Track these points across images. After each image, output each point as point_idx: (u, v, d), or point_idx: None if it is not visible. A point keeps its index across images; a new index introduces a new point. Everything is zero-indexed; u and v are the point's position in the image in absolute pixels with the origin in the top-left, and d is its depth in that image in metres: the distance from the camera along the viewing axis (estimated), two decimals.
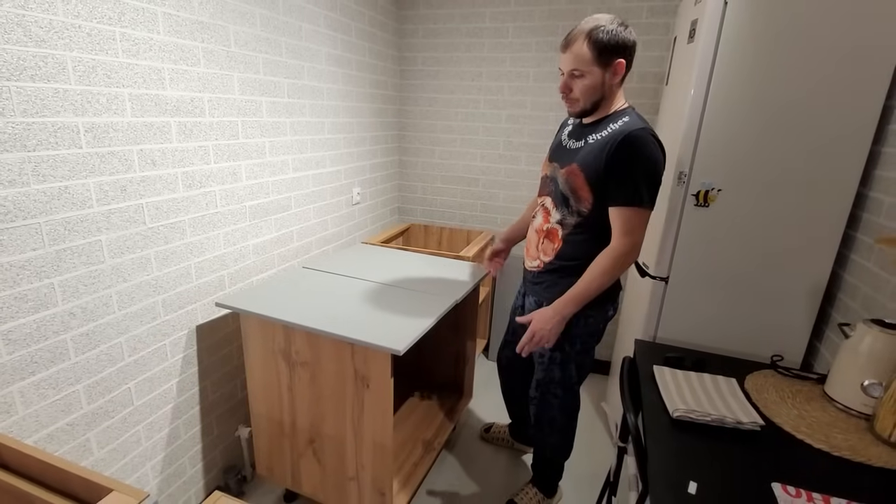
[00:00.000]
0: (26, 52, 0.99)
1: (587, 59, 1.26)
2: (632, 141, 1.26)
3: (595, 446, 2.07)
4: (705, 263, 1.71)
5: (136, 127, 1.23)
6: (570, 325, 1.47)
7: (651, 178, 1.29)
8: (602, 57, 1.25)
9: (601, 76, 1.28)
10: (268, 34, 1.62)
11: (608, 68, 1.28)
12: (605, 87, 1.31)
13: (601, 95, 1.32)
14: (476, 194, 2.64)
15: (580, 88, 1.30)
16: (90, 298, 1.19)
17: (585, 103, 1.33)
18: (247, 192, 1.63)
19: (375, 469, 1.43)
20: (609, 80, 1.30)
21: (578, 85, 1.30)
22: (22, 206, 1.02)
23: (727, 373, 1.33)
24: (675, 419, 1.13)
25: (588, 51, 1.25)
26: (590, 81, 1.28)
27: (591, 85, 1.29)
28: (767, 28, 1.46)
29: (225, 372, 1.66)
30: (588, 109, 1.36)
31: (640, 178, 1.27)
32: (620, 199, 1.30)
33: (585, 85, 1.29)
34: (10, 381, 1.04)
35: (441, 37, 2.48)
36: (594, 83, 1.29)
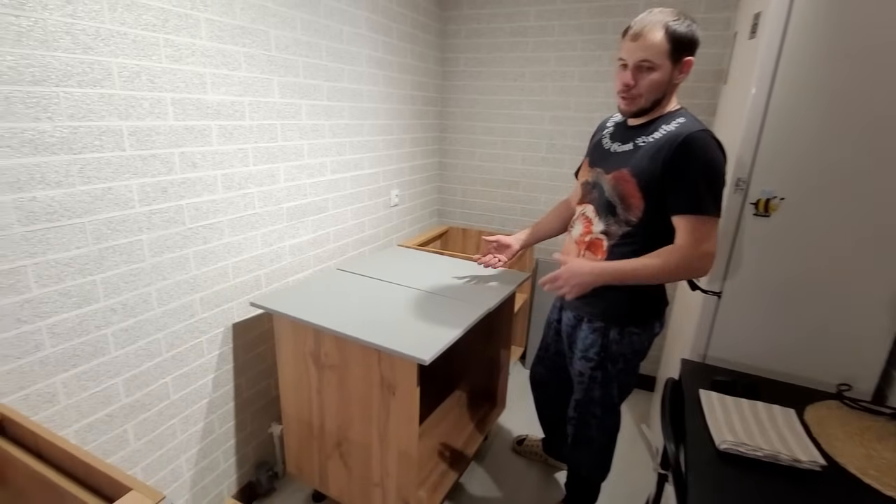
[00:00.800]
0: (74, 59, 1.03)
1: (661, 51, 1.16)
2: (692, 143, 1.16)
3: (634, 467, 1.96)
4: (764, 278, 1.56)
5: (178, 130, 1.27)
6: (612, 343, 1.38)
7: (715, 183, 1.19)
8: (676, 51, 1.17)
9: (670, 72, 1.19)
10: (308, 38, 1.64)
11: (677, 65, 1.20)
12: (669, 86, 1.22)
13: (663, 94, 1.23)
14: (516, 197, 2.57)
15: (647, 83, 1.20)
16: (130, 295, 1.23)
17: (647, 101, 1.23)
18: (285, 193, 1.66)
19: (400, 477, 1.41)
20: (675, 79, 1.22)
21: (646, 79, 1.20)
22: (67, 206, 1.07)
23: (784, 402, 1.20)
24: (721, 451, 1.03)
25: (665, 42, 1.16)
26: (659, 76, 1.19)
27: (659, 81, 1.20)
28: (842, 21, 1.31)
29: (259, 370, 1.69)
30: (646, 108, 1.25)
31: (703, 183, 1.17)
32: (684, 207, 1.19)
33: (653, 80, 1.19)
34: (53, 372, 1.10)
35: (484, 37, 2.43)
36: (662, 79, 1.20)
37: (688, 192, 1.18)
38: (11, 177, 0.97)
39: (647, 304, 1.37)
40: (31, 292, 1.03)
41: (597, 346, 1.40)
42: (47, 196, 1.03)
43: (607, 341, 1.38)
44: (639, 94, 1.23)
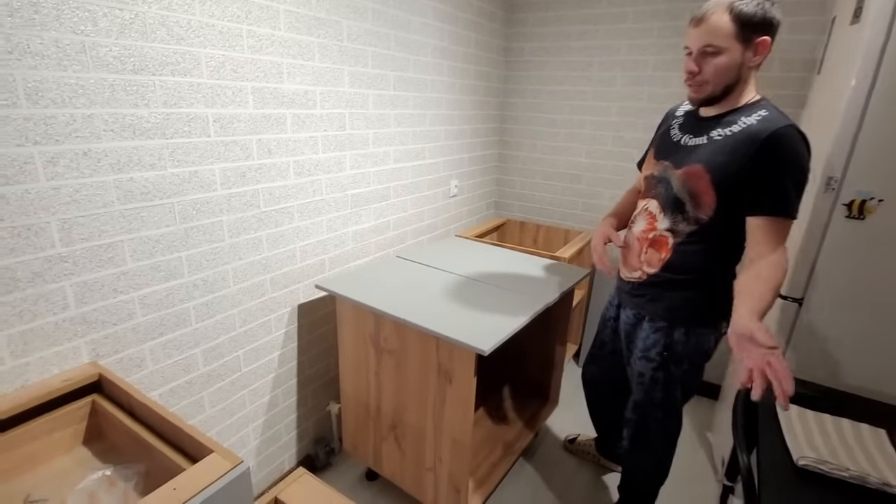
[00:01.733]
0: (168, 49, 1.10)
1: (726, 33, 1.09)
2: (780, 140, 1.08)
3: (694, 477, 1.87)
4: (854, 285, 1.44)
5: (256, 118, 1.33)
6: (677, 343, 1.32)
7: (802, 184, 1.11)
8: (744, 31, 1.08)
9: (740, 54, 1.11)
10: (378, 28, 1.66)
11: (750, 46, 1.10)
12: (742, 70, 1.13)
13: (736, 79, 1.14)
14: (578, 192, 2.50)
15: (713, 68, 1.13)
16: (211, 272, 1.32)
17: (716, 87, 1.15)
18: (350, 181, 1.70)
19: (453, 464, 1.43)
20: (748, 62, 1.12)
21: (711, 64, 1.13)
22: (160, 187, 1.15)
23: (874, 421, 1.10)
24: (799, 468, 0.97)
25: (728, 23, 1.08)
26: (726, 60, 1.11)
27: (727, 64, 1.11)
28: None
29: (321, 350, 1.76)
30: (717, 96, 1.17)
31: (790, 184, 1.09)
32: (767, 209, 1.12)
33: (719, 64, 1.12)
34: (143, 339, 1.20)
35: (552, 25, 2.36)
36: (731, 63, 1.11)
37: (775, 192, 1.10)
38: (113, 158, 1.05)
39: (713, 302, 1.28)
40: (127, 265, 1.13)
41: (659, 346, 1.34)
42: (142, 177, 1.11)
43: (671, 341, 1.32)
44: (704, 80, 1.15)
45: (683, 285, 1.29)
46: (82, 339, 1.08)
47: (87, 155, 1.01)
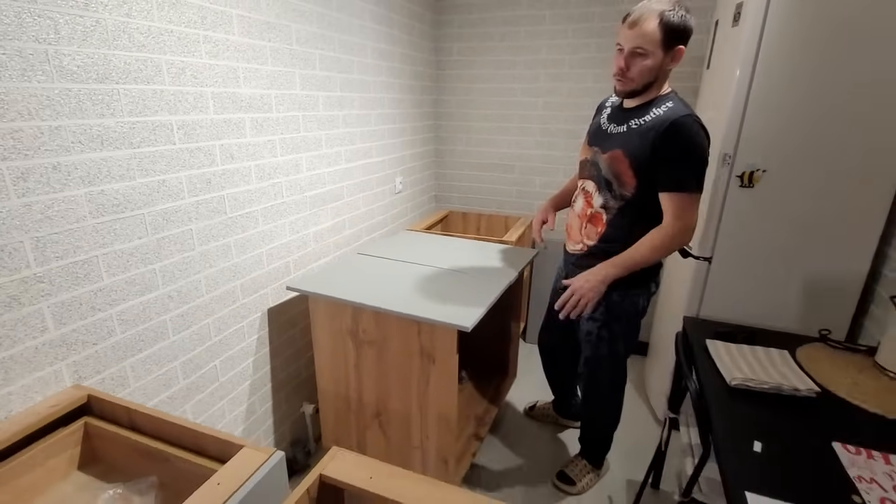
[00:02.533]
0: (130, 57, 1.08)
1: (654, 39, 1.25)
2: (678, 128, 1.28)
3: (637, 422, 2.15)
4: (749, 243, 1.75)
5: (218, 123, 1.33)
6: (615, 304, 1.53)
7: (698, 163, 1.32)
8: (668, 40, 1.26)
9: (661, 59, 1.29)
10: (323, 31, 1.70)
11: (669, 52, 1.29)
12: (661, 72, 1.33)
13: (655, 79, 1.34)
14: (512, 181, 2.70)
15: (639, 68, 1.30)
16: (184, 283, 1.29)
17: (638, 84, 1.33)
18: (307, 182, 1.73)
19: (440, 438, 1.53)
20: (666, 65, 1.32)
21: (638, 64, 1.29)
22: (130, 198, 1.12)
23: (778, 345, 1.38)
24: (732, 387, 1.20)
25: (658, 31, 1.24)
26: (651, 62, 1.28)
27: (651, 66, 1.29)
28: (816, 11, 1.49)
29: (291, 352, 1.77)
30: (638, 91, 1.36)
31: (687, 164, 1.31)
32: (670, 185, 1.33)
33: (645, 65, 1.29)
34: (123, 357, 1.16)
35: (477, 26, 2.52)
36: (654, 65, 1.29)
37: (672, 172, 1.32)
38: (83, 171, 1.02)
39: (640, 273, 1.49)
40: (103, 281, 1.09)
41: (602, 308, 1.54)
42: (113, 189, 1.08)
43: (610, 302, 1.52)
44: (631, 77, 1.33)
45: (617, 253, 1.50)
46: (63, 361, 1.03)
47: (57, 169, 0.97)
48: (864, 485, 0.91)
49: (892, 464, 0.96)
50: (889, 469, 0.95)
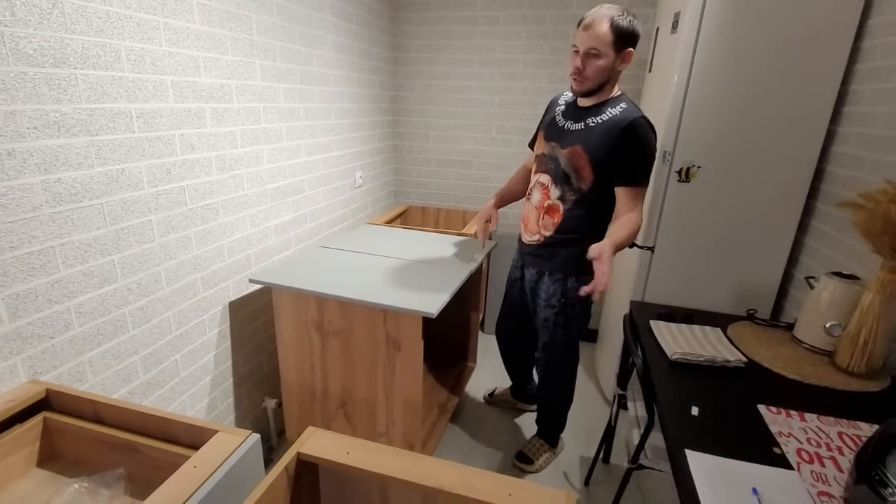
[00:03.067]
0: (89, 42, 1.05)
1: (606, 41, 1.36)
2: (636, 129, 1.41)
3: (588, 403, 2.28)
4: (687, 233, 1.92)
5: (178, 112, 1.31)
6: (569, 291, 1.63)
7: (650, 160, 1.45)
8: (619, 42, 1.37)
9: (613, 60, 1.39)
10: (283, 22, 1.69)
11: (620, 54, 1.40)
12: (613, 72, 1.43)
13: (607, 79, 1.44)
14: (470, 176, 2.78)
15: (593, 68, 1.40)
16: (144, 275, 1.26)
17: (593, 84, 1.44)
18: (268, 174, 1.72)
19: (406, 424, 1.58)
20: (617, 67, 1.42)
21: (593, 64, 1.40)
22: (88, 187, 1.09)
23: (711, 324, 1.53)
24: (673, 362, 1.32)
25: (609, 34, 1.35)
26: (604, 63, 1.39)
27: (604, 67, 1.40)
28: (742, 20, 1.65)
29: (253, 347, 1.75)
30: (593, 90, 1.46)
31: (642, 161, 1.44)
32: (628, 180, 1.46)
33: (598, 66, 1.40)
34: (81, 351, 1.12)
35: (434, 24, 2.58)
36: (606, 66, 1.40)
37: (629, 168, 1.44)
38: (39, 158, 0.98)
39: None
40: (60, 272, 1.05)
41: (558, 294, 1.64)
42: (70, 177, 1.05)
43: (566, 289, 1.63)
44: (586, 77, 1.43)
45: (572, 243, 1.60)
46: (18, 356, 0.99)
47: (12, 155, 0.94)
48: (783, 438, 1.04)
49: (806, 420, 1.11)
50: (804, 425, 1.09)
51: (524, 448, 1.92)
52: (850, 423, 1.10)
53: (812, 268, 1.74)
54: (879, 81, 1.51)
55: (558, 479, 1.85)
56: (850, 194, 1.56)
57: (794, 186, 1.77)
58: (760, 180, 1.79)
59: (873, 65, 1.55)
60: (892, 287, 1.19)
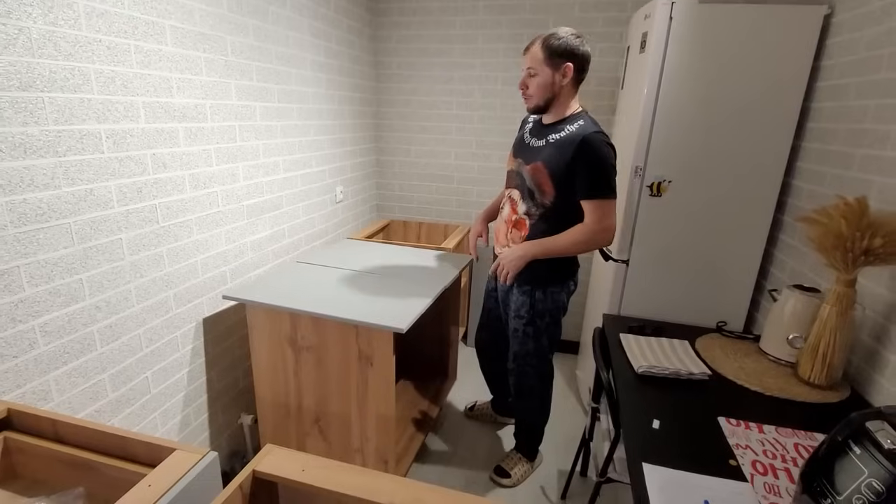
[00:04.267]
0: (57, 66, 1.07)
1: (539, 59, 1.47)
2: (589, 144, 1.45)
3: (568, 415, 2.29)
4: (660, 246, 1.95)
5: (149, 132, 1.33)
6: (538, 301, 1.66)
7: (606, 172, 1.47)
8: (552, 59, 1.46)
9: (551, 76, 1.48)
10: (259, 43, 1.73)
11: (558, 70, 1.47)
12: (556, 87, 1.50)
13: (552, 94, 1.51)
14: (451, 190, 2.81)
15: (534, 85, 1.51)
16: (113, 293, 1.27)
17: (538, 100, 1.52)
18: (244, 191, 1.74)
19: (379, 439, 1.58)
20: (559, 81, 1.49)
21: (533, 82, 1.50)
22: (55, 207, 1.10)
23: (681, 337, 1.56)
24: (639, 374, 1.34)
25: (541, 52, 1.46)
26: (541, 79, 1.49)
27: (542, 83, 1.49)
28: (705, 39, 1.70)
29: (228, 363, 1.76)
30: (542, 106, 1.54)
31: (599, 173, 1.47)
32: (585, 193, 1.50)
33: (537, 82, 1.49)
34: (46, 370, 1.13)
35: (414, 42, 2.63)
36: (544, 82, 1.49)
37: (587, 181, 1.48)
38: (4, 179, 1.00)
39: (561, 268, 1.64)
40: (24, 292, 1.06)
41: (526, 306, 1.67)
42: (36, 198, 1.06)
43: (534, 300, 1.66)
44: (530, 94, 1.53)
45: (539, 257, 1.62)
46: None
47: None
48: (740, 450, 1.06)
49: (765, 432, 1.12)
50: (761, 437, 1.11)
51: (502, 462, 1.92)
52: (807, 435, 1.12)
53: (781, 279, 1.78)
54: (838, 99, 1.56)
55: (535, 493, 1.85)
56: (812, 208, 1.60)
57: (762, 200, 1.81)
58: (730, 194, 1.82)
59: (832, 83, 1.60)
60: (847, 300, 1.22)
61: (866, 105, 1.42)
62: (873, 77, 1.40)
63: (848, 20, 1.54)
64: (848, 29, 1.54)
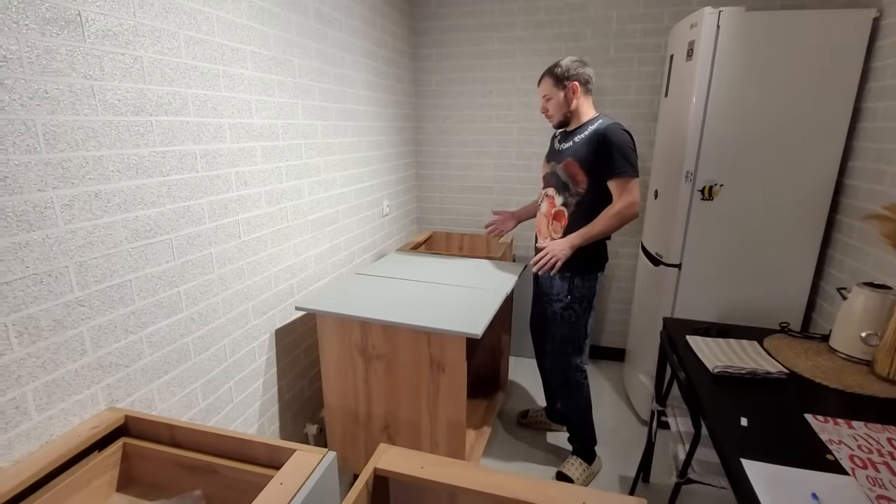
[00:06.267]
0: (162, 91, 1.15)
1: (549, 86, 1.77)
2: (611, 132, 1.67)
3: (621, 423, 2.29)
4: (713, 249, 1.96)
5: (234, 152, 1.40)
6: (576, 289, 1.79)
7: (625, 153, 1.66)
8: (559, 82, 1.74)
9: (563, 96, 1.75)
10: (321, 65, 1.81)
11: (566, 89, 1.74)
12: (570, 103, 1.76)
13: (568, 109, 1.77)
14: (491, 202, 2.86)
15: (552, 107, 1.79)
16: (204, 305, 1.33)
17: (559, 117, 1.80)
18: (309, 207, 1.80)
19: (450, 445, 1.60)
20: (570, 97, 1.75)
21: (550, 105, 1.79)
22: (160, 223, 1.17)
23: (746, 338, 1.56)
24: (715, 374, 1.35)
25: (549, 80, 1.77)
26: (555, 101, 1.77)
27: (557, 103, 1.77)
28: (754, 46, 1.74)
29: (296, 373, 1.80)
30: (563, 121, 1.81)
31: (619, 155, 1.66)
32: (611, 173, 1.68)
33: (554, 104, 1.78)
34: (151, 379, 1.18)
35: (453, 59, 2.70)
36: (558, 102, 1.77)
37: (611, 163, 1.67)
38: (120, 198, 1.06)
39: (596, 257, 1.82)
40: (135, 304, 1.12)
41: (565, 291, 1.82)
42: (146, 215, 1.13)
43: (573, 286, 1.80)
44: (550, 115, 1.82)
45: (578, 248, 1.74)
46: (98, 384, 1.05)
47: (99, 196, 1.02)
48: (834, 446, 1.07)
49: (854, 428, 1.13)
50: (852, 432, 1.11)
51: (562, 468, 1.93)
52: None
53: (840, 279, 1.78)
54: (892, 99, 1.58)
55: None
56: (873, 207, 1.61)
57: (815, 200, 1.82)
58: (782, 195, 1.84)
59: (884, 83, 1.63)
60: None
61: None
62: None
63: None
64: None
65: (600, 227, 1.70)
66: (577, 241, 1.71)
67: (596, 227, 1.70)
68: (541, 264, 1.71)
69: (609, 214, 1.69)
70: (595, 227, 1.70)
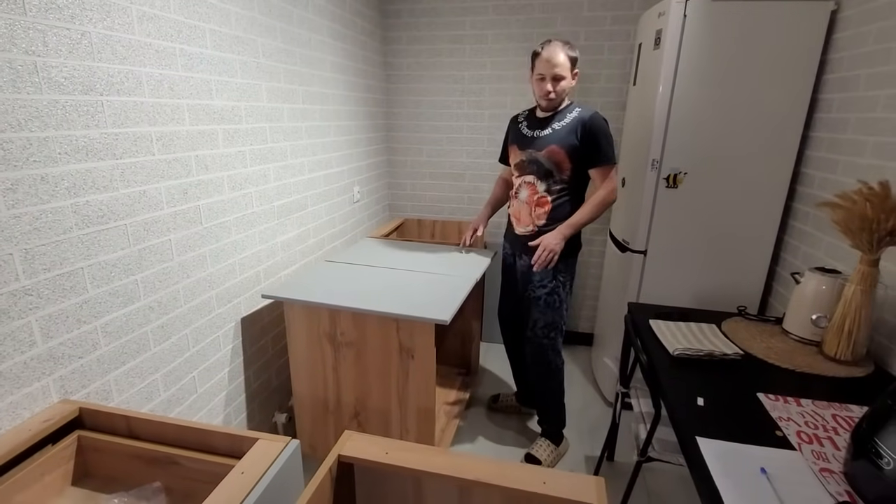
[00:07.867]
0: (113, 69, 1.09)
1: (567, 68, 1.71)
2: (595, 121, 1.73)
3: (588, 406, 2.35)
4: (677, 236, 2.02)
5: (193, 135, 1.35)
6: (559, 273, 1.81)
7: (610, 140, 1.75)
8: (573, 67, 1.73)
9: (570, 81, 1.74)
10: (286, 45, 1.75)
11: (575, 76, 1.75)
12: (572, 90, 1.78)
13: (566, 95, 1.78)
14: (463, 188, 2.85)
15: (560, 89, 1.73)
16: (164, 293, 1.29)
17: (559, 101, 1.77)
18: (274, 192, 1.76)
19: (420, 431, 1.61)
20: (573, 84, 1.77)
21: (559, 86, 1.72)
22: (113, 209, 1.12)
23: (706, 321, 1.62)
24: (675, 357, 1.40)
25: (567, 61, 1.71)
26: (566, 84, 1.73)
27: (566, 86, 1.74)
28: (718, 35, 1.77)
29: (263, 362, 1.77)
30: (557, 105, 1.79)
31: (604, 145, 1.72)
32: (597, 162, 1.75)
33: (563, 86, 1.73)
34: (107, 370, 1.14)
35: (424, 43, 2.66)
36: (567, 85, 1.74)
37: (597, 151, 1.73)
38: (69, 182, 1.01)
39: (575, 241, 1.85)
40: (88, 293, 1.08)
41: (550, 275, 1.83)
42: (97, 200, 1.08)
43: (556, 271, 1.83)
44: (555, 97, 1.74)
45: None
46: (50, 376, 1.01)
47: (45, 180, 0.96)
48: (783, 422, 1.12)
49: (802, 405, 1.19)
50: (800, 409, 1.17)
51: (531, 449, 1.97)
52: (842, 406, 1.18)
53: (794, 265, 1.85)
54: (847, 90, 1.64)
55: None
56: (826, 195, 1.68)
57: (773, 188, 1.89)
58: (743, 184, 1.90)
59: (840, 75, 1.69)
60: (872, 279, 1.29)
61: (876, 95, 1.50)
62: (883, 69, 1.48)
63: (855, 15, 1.63)
64: (855, 23, 1.62)
65: (587, 215, 1.74)
66: (567, 232, 1.75)
67: (583, 216, 1.75)
68: (541, 262, 1.73)
69: (595, 203, 1.74)
70: (582, 215, 1.75)
